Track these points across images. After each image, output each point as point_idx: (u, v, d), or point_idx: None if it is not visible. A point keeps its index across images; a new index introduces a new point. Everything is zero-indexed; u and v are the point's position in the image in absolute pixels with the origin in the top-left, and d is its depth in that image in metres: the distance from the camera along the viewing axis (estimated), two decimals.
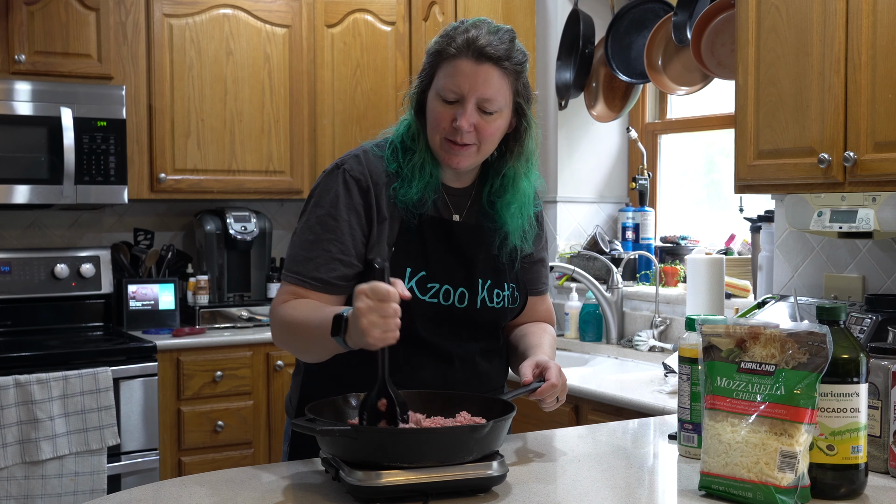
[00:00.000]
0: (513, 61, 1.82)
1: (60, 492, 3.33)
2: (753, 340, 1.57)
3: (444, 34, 1.85)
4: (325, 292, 1.83)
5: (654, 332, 3.50)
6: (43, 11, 3.74)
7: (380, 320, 1.55)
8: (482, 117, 1.81)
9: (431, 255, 1.87)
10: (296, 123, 4.28)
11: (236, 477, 1.66)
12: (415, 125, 1.89)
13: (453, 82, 1.80)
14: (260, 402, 3.93)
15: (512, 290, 1.95)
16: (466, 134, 1.80)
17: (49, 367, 3.40)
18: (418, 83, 1.88)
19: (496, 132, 1.85)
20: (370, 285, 1.56)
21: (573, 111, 3.97)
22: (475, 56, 1.79)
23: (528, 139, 1.90)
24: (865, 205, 2.45)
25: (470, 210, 1.94)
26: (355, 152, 1.91)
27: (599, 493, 1.61)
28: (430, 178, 1.86)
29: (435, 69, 1.84)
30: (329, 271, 1.83)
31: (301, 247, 1.86)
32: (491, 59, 1.79)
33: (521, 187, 1.93)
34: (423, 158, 1.86)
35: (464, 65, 1.79)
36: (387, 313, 1.55)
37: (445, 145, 1.83)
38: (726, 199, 3.73)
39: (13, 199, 3.67)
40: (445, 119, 1.81)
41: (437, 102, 1.83)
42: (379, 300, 1.55)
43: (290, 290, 1.84)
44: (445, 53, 1.81)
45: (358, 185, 1.85)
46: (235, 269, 4.30)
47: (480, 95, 1.79)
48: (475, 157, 1.86)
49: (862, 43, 2.33)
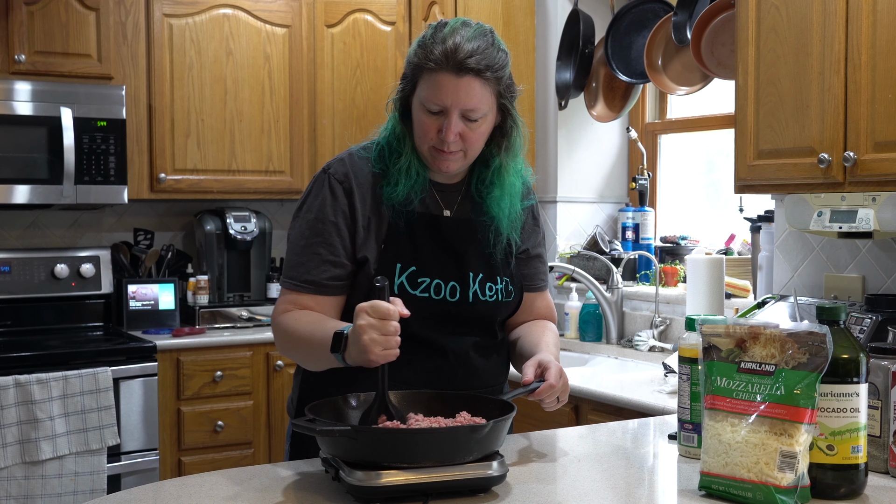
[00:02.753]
0: (493, 69, 1.81)
1: (60, 492, 3.33)
2: (753, 340, 1.57)
3: (421, 44, 1.83)
4: (319, 294, 1.87)
5: (654, 332, 3.50)
6: (43, 11, 3.74)
7: (380, 338, 1.59)
8: (467, 125, 1.82)
9: (421, 251, 1.88)
10: (296, 123, 4.28)
11: (236, 477, 1.66)
12: (400, 128, 1.90)
13: (435, 96, 1.80)
14: (260, 402, 3.93)
15: (505, 284, 1.95)
16: (453, 143, 1.82)
17: (49, 367, 3.40)
18: (401, 88, 1.89)
19: (481, 137, 1.87)
20: (371, 304, 1.60)
21: (573, 111, 3.97)
22: (455, 69, 1.78)
23: (514, 135, 1.92)
24: (865, 205, 2.45)
25: (460, 205, 1.96)
26: (341, 156, 1.95)
27: (599, 493, 1.61)
28: (416, 178, 1.89)
29: (416, 79, 1.84)
30: (320, 273, 1.86)
31: (294, 252, 1.91)
32: (472, 72, 1.79)
33: (510, 180, 1.94)
34: (409, 161, 1.88)
35: (444, 79, 1.79)
36: (387, 331, 1.59)
37: (433, 152, 1.86)
38: (726, 199, 3.73)
39: (13, 199, 3.67)
40: (431, 129, 1.83)
41: (421, 113, 1.84)
42: (380, 318, 1.59)
43: (289, 297, 1.89)
44: (426, 66, 1.81)
45: (342, 187, 1.88)
46: (235, 269, 4.30)
47: (463, 107, 1.80)
48: (463, 161, 1.88)
49: (862, 43, 2.33)
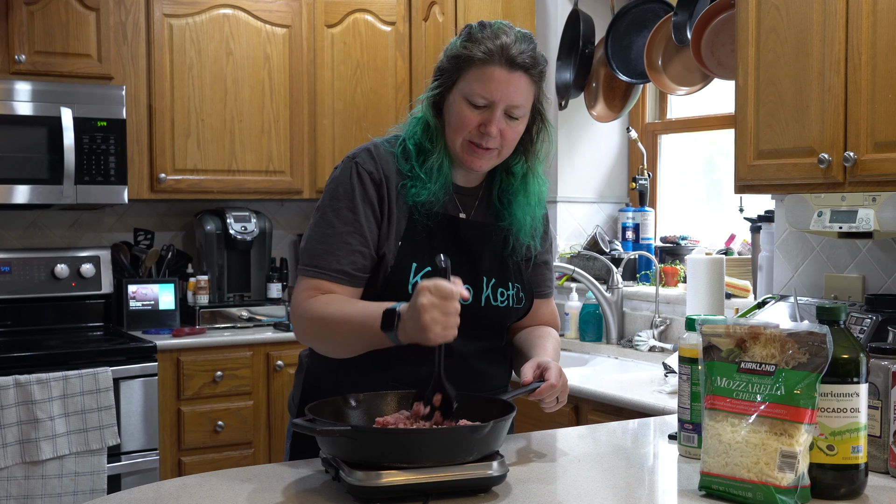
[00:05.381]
0: (538, 69, 1.85)
1: (60, 492, 3.34)
2: (753, 340, 1.57)
3: (469, 37, 1.84)
4: (347, 285, 1.83)
5: (654, 332, 3.50)
6: (43, 11, 3.74)
7: (441, 317, 1.58)
8: (508, 123, 1.83)
9: (437, 251, 1.86)
10: (296, 123, 4.28)
11: (236, 477, 1.66)
12: (433, 125, 1.89)
13: (485, 88, 1.80)
14: (260, 402, 3.93)
15: (517, 290, 1.95)
16: (492, 140, 1.82)
17: (49, 367, 3.40)
18: (439, 83, 1.88)
19: (517, 137, 1.87)
20: (433, 282, 1.59)
21: (573, 111, 3.97)
22: (508, 64, 1.80)
23: (542, 140, 1.93)
24: (865, 205, 2.45)
25: (477, 209, 1.95)
26: (367, 146, 1.91)
27: (599, 493, 1.61)
28: (444, 180, 1.87)
29: (460, 72, 1.83)
30: (350, 263, 1.83)
31: (320, 240, 1.85)
32: (522, 68, 1.81)
33: (533, 186, 1.95)
34: (441, 159, 1.87)
35: (497, 72, 1.80)
36: (448, 311, 1.58)
37: (468, 147, 1.84)
38: (726, 199, 3.73)
39: (13, 199, 3.67)
40: (472, 123, 1.82)
41: (463, 105, 1.83)
42: (442, 298, 1.58)
43: (312, 284, 1.83)
44: (475, 58, 1.81)
45: (371, 178, 1.86)
46: (235, 269, 4.30)
47: (511, 103, 1.81)
48: (495, 160, 1.88)
49: (862, 43, 2.33)
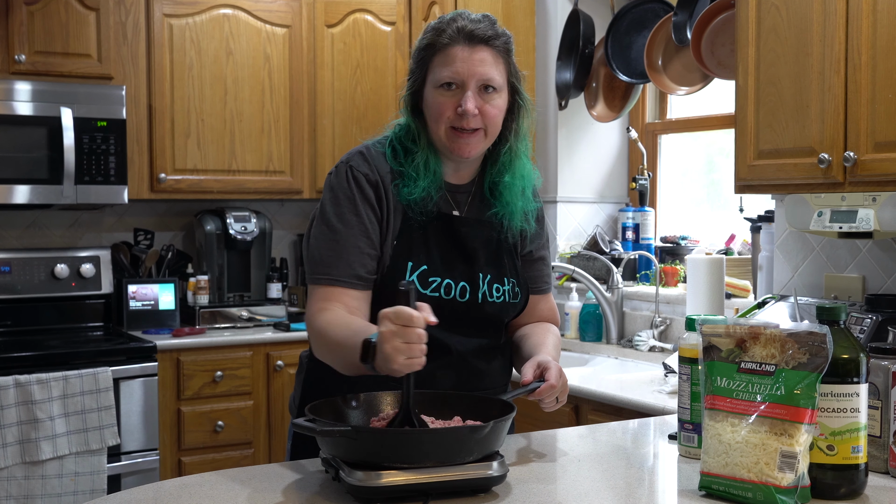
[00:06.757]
0: (501, 40, 1.87)
1: (60, 492, 3.33)
2: (753, 340, 1.57)
3: (430, 30, 1.89)
4: (361, 288, 1.83)
5: (654, 332, 3.50)
6: (43, 11, 3.74)
7: (404, 346, 1.51)
8: (484, 98, 1.84)
9: (433, 250, 1.87)
10: (296, 123, 4.28)
11: (236, 477, 1.66)
12: (414, 126, 1.90)
13: (451, 70, 1.83)
14: (260, 402, 3.93)
15: (512, 286, 1.95)
16: (473, 118, 1.83)
17: (49, 367, 3.40)
18: (411, 83, 1.90)
19: (499, 112, 1.87)
20: (394, 310, 1.52)
21: (573, 111, 3.97)
22: (467, 40, 1.84)
23: (523, 117, 1.94)
24: (865, 205, 2.45)
25: (471, 205, 1.95)
26: (359, 149, 1.92)
27: (599, 493, 1.61)
28: (434, 176, 1.87)
29: (427, 64, 1.87)
30: (362, 266, 1.83)
31: (329, 248, 1.83)
32: (482, 41, 1.84)
33: (522, 166, 1.95)
34: (426, 156, 1.88)
35: (458, 51, 1.83)
36: (411, 339, 1.51)
37: (452, 134, 1.85)
38: (726, 199, 3.73)
39: (13, 199, 3.67)
40: (449, 107, 1.83)
41: (436, 94, 1.85)
42: (403, 324, 1.51)
43: (325, 293, 1.81)
44: (438, 45, 1.85)
45: (367, 180, 1.86)
46: (235, 269, 4.30)
47: (480, 77, 1.83)
48: (483, 142, 1.88)
49: (862, 43, 2.33)
